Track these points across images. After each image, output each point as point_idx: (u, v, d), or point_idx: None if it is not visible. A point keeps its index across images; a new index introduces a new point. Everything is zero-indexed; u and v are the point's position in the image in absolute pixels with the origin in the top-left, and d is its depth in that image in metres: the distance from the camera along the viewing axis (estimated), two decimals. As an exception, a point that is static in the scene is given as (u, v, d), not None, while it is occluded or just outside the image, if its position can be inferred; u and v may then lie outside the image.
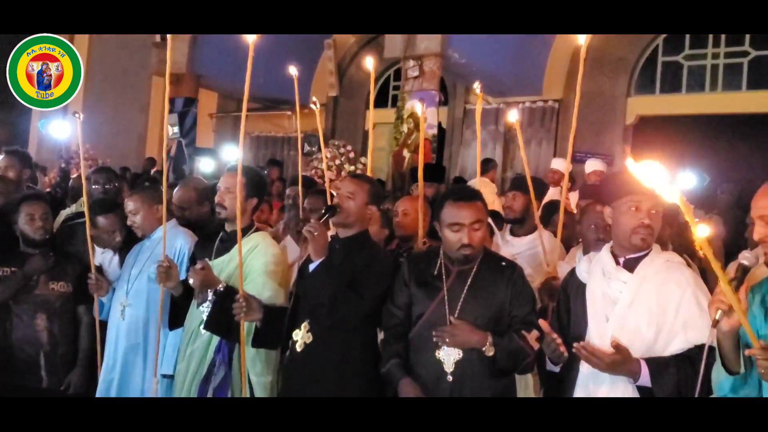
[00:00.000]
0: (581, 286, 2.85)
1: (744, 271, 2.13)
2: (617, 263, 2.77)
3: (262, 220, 5.81)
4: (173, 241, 3.92)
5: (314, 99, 4.73)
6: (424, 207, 4.01)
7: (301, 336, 3.29)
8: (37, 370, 3.87)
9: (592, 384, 2.71)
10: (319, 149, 10.51)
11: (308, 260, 3.27)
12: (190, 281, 3.44)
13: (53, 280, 3.95)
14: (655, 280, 2.67)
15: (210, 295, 3.45)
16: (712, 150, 9.01)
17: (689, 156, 8.46)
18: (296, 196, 5.09)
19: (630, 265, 2.75)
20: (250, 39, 3.08)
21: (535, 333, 2.71)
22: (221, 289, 3.41)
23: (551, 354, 2.73)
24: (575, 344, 2.58)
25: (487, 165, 8.41)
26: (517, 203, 4.41)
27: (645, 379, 2.57)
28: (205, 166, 10.31)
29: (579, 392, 2.75)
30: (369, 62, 4.51)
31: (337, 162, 10.21)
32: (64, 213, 5.07)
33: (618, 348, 2.56)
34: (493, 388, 2.98)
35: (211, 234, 3.85)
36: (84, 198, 3.88)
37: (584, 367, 2.70)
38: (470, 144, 11.28)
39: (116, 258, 4.23)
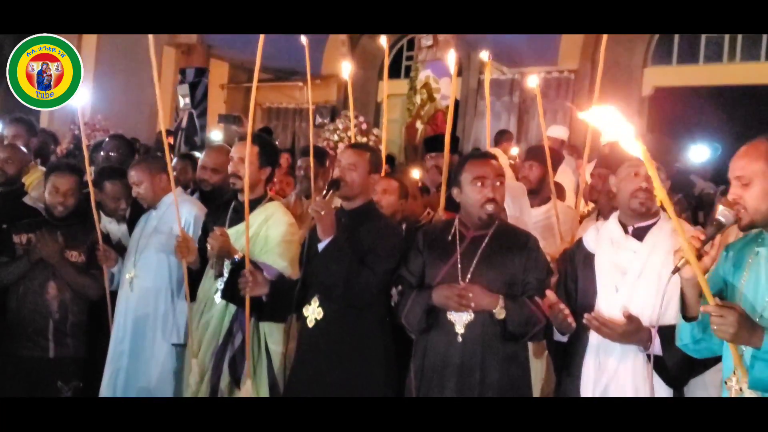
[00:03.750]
0: (589, 256, 2.84)
1: (719, 226, 2.15)
2: (626, 232, 2.75)
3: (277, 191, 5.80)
4: (180, 209, 3.89)
5: (344, 66, 4.65)
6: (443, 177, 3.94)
7: (311, 311, 3.27)
8: (44, 340, 3.86)
9: (603, 353, 2.71)
10: (332, 120, 10.46)
11: (315, 238, 3.23)
12: (209, 247, 3.42)
13: (68, 248, 3.91)
14: (664, 249, 2.65)
15: (227, 266, 3.43)
16: (729, 122, 8.87)
17: (706, 128, 8.34)
18: (308, 167, 5.05)
19: (639, 234, 2.73)
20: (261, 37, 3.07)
21: (547, 300, 2.68)
22: (238, 258, 3.39)
23: (559, 324, 2.73)
24: (586, 315, 2.59)
25: (500, 136, 8.32)
26: (534, 173, 4.37)
27: (656, 348, 2.57)
28: (216, 136, 10.28)
29: (589, 362, 2.75)
30: (383, 39, 4.46)
31: (349, 133, 10.14)
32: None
33: (630, 318, 2.57)
34: (503, 352, 2.97)
35: (222, 204, 3.83)
36: (86, 166, 3.86)
37: (593, 337, 2.70)
38: (485, 115, 11.14)
39: (124, 229, 4.22)
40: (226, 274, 3.47)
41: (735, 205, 2.16)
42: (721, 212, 2.16)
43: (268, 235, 3.46)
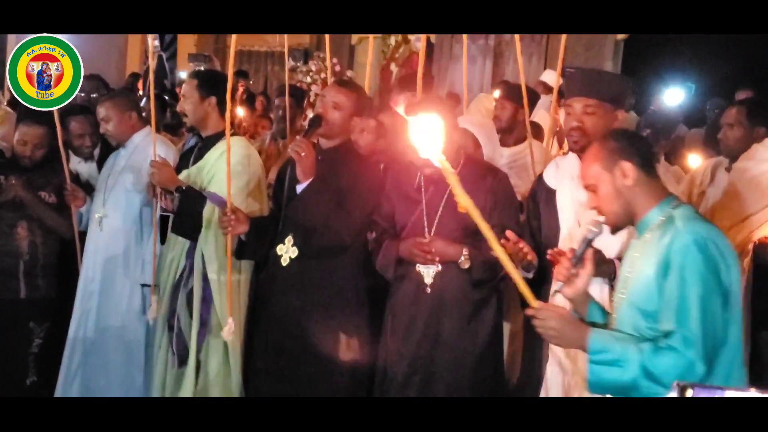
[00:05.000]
0: (550, 192, 2.84)
1: (586, 243, 2.15)
2: None
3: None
4: (149, 149, 3.83)
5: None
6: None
7: (286, 251, 3.24)
8: (15, 281, 3.82)
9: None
10: (305, 62, 10.28)
11: (292, 178, 3.19)
12: (150, 177, 3.43)
13: (39, 189, 3.85)
14: None
15: (176, 200, 3.42)
16: (705, 65, 8.87)
17: (681, 70, 8.34)
18: (285, 107, 4.97)
19: None
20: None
21: (505, 242, 2.66)
22: (183, 188, 3.38)
23: (520, 262, 2.72)
24: (550, 251, 2.59)
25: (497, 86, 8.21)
26: (505, 112, 4.32)
27: None
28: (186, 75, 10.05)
29: (554, 297, 2.73)
30: None
31: (323, 75, 9.99)
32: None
33: (594, 251, 2.55)
34: (473, 298, 3.00)
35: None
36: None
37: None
38: (460, 59, 11.05)
39: (93, 168, 4.15)
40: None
41: (598, 212, 2.16)
42: (586, 228, 2.17)
43: (219, 167, 3.39)
